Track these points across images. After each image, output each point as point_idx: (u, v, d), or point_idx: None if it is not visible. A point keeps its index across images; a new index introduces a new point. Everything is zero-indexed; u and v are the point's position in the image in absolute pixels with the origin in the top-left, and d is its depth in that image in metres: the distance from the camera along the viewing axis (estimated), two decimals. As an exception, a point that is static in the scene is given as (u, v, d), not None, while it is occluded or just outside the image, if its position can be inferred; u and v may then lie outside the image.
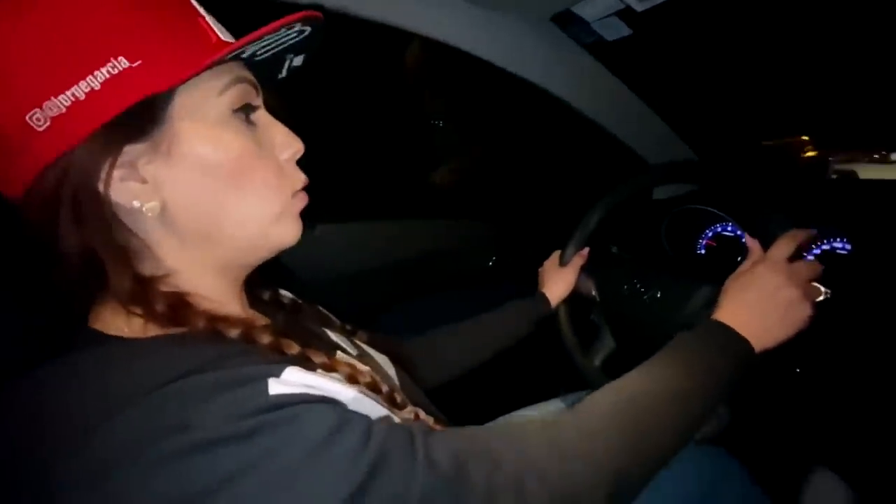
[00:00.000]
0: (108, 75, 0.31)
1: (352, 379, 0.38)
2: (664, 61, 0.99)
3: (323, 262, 0.93)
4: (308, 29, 0.37)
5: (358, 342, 0.54)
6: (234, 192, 0.36)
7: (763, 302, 0.51)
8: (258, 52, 0.36)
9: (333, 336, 0.51)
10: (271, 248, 0.40)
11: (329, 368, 0.37)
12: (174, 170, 0.34)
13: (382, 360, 0.54)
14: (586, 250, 0.84)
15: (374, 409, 0.35)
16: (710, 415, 0.46)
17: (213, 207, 0.36)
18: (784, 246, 0.54)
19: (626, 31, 0.76)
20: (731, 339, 0.49)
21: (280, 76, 0.43)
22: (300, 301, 0.55)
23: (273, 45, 0.37)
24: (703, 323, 0.51)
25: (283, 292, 0.55)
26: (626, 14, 0.73)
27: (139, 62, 0.31)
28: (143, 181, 0.34)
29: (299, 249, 0.41)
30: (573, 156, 1.26)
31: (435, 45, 0.79)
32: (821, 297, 0.52)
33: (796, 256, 0.54)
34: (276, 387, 0.29)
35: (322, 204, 0.51)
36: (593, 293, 0.83)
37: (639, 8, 0.69)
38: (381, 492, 0.28)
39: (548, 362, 0.93)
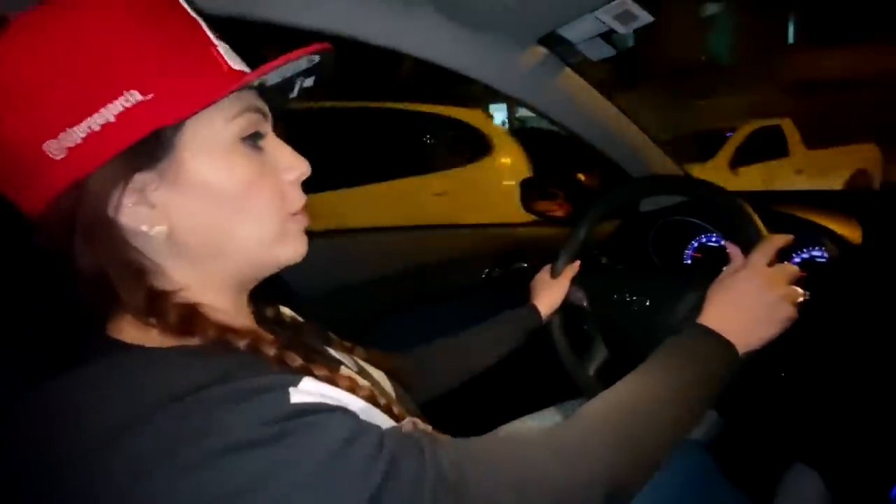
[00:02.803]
0: (122, 108, 0.32)
1: (352, 392, 0.39)
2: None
3: (317, 275, 0.94)
4: (317, 58, 0.39)
5: (356, 358, 0.56)
6: (237, 216, 0.37)
7: (745, 305, 0.53)
8: (268, 80, 0.38)
9: (333, 352, 0.53)
10: (274, 266, 0.42)
11: (331, 382, 0.38)
12: (181, 196, 0.36)
13: (379, 375, 0.55)
14: (577, 262, 0.86)
15: (382, 420, 0.37)
16: (700, 415, 0.49)
17: (217, 230, 0.37)
18: (764, 251, 0.56)
19: (609, 51, 0.80)
20: (716, 343, 0.51)
21: (291, 95, 0.44)
22: (300, 319, 0.57)
23: (283, 74, 0.38)
24: (689, 328, 0.53)
25: (284, 310, 0.56)
26: (609, 36, 0.77)
27: (151, 95, 0.33)
28: (152, 206, 0.35)
29: (295, 263, 0.43)
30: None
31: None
32: (801, 300, 0.55)
33: (777, 261, 0.57)
34: (296, 395, 0.31)
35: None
36: (584, 303, 0.85)
37: (622, 30, 0.73)
38: (393, 496, 0.30)
39: (543, 372, 0.95)
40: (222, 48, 0.37)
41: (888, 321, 0.71)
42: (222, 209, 0.37)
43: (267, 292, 0.51)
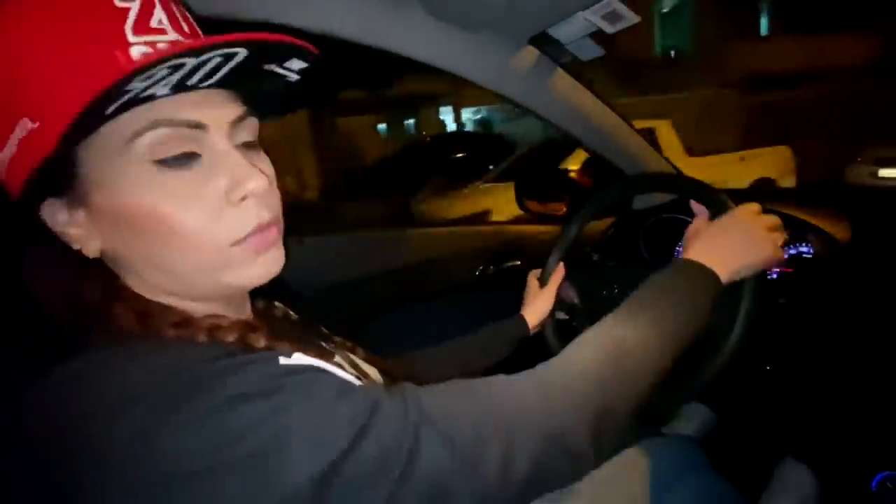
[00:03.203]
0: (20, 137, 0.32)
1: None
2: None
3: (312, 274, 0.95)
4: (242, 51, 0.32)
5: (349, 354, 0.56)
6: (160, 246, 0.35)
7: (729, 236, 0.56)
8: (192, 81, 0.32)
9: (326, 346, 0.53)
10: (235, 289, 0.39)
11: None
12: (96, 220, 0.35)
13: (373, 372, 0.56)
14: (562, 269, 0.86)
15: None
16: (686, 342, 0.49)
17: (152, 256, 0.36)
18: (749, 205, 0.59)
19: (599, 51, 0.80)
20: (697, 272, 0.53)
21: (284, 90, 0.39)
22: (293, 314, 0.58)
23: (200, 75, 0.32)
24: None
25: (277, 304, 0.57)
26: (598, 36, 0.78)
27: (38, 123, 0.31)
28: (78, 227, 0.36)
29: (288, 262, 0.42)
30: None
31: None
32: (781, 242, 0.57)
33: None
34: (285, 360, 0.33)
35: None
36: (575, 300, 0.86)
37: (609, 30, 0.74)
38: (378, 435, 0.32)
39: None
40: (139, 49, 0.32)
41: (873, 316, 0.72)
42: (143, 237, 0.35)
43: (262, 289, 0.52)
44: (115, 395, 0.30)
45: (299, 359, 0.34)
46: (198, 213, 0.35)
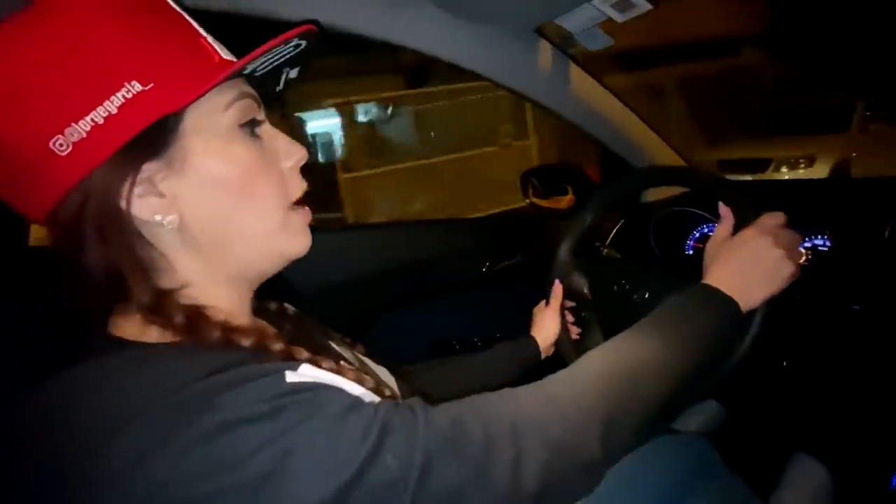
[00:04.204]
0: (123, 99, 0.33)
1: (357, 383, 0.39)
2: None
3: (316, 272, 0.95)
4: (304, 43, 0.39)
5: (357, 353, 0.56)
6: (241, 203, 0.38)
7: (749, 262, 0.54)
8: (258, 69, 0.38)
9: (336, 347, 0.53)
10: (280, 259, 0.42)
11: (337, 373, 0.38)
12: (188, 184, 0.36)
13: (382, 371, 0.55)
14: (560, 288, 0.84)
15: None
16: (699, 370, 0.49)
17: (223, 220, 0.38)
18: (772, 217, 0.57)
19: (608, 41, 0.79)
20: (716, 299, 0.52)
21: (278, 88, 0.45)
22: (303, 314, 0.57)
23: (271, 60, 0.38)
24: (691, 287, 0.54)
25: (288, 305, 0.57)
26: (608, 25, 0.76)
27: (151, 85, 0.33)
28: (161, 196, 0.36)
29: (294, 260, 0.43)
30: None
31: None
32: (802, 259, 0.55)
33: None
34: (292, 377, 0.32)
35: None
36: (585, 291, 0.85)
37: (619, 18, 0.72)
38: (387, 454, 0.31)
39: (540, 363, 0.95)
40: (211, 39, 0.38)
41: (889, 310, 0.70)
42: (227, 196, 0.37)
43: (267, 288, 0.51)
44: (112, 413, 0.29)
45: (307, 373, 0.33)
46: (275, 173, 0.40)
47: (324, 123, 5.07)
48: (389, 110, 5.19)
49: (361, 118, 5.24)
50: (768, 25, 5.93)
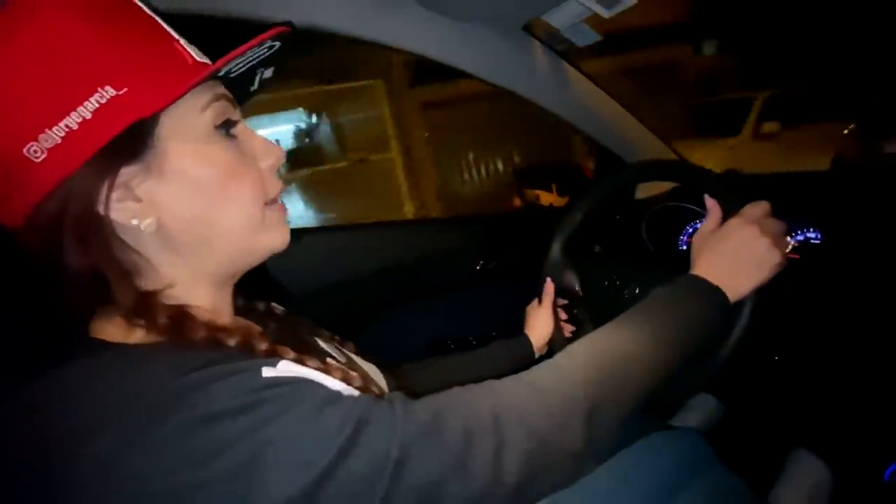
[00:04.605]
0: (97, 104, 0.32)
1: (345, 382, 0.39)
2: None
3: (310, 272, 0.94)
4: (277, 44, 0.39)
5: (346, 352, 0.56)
6: (220, 203, 0.38)
7: (735, 252, 0.54)
8: (233, 70, 0.38)
9: (324, 345, 0.53)
10: (260, 254, 0.42)
11: (325, 373, 0.38)
12: (165, 187, 0.36)
13: (371, 368, 0.55)
14: (552, 286, 0.84)
15: None
16: (686, 360, 0.48)
17: (202, 220, 0.38)
18: (757, 206, 0.57)
19: (595, 36, 0.78)
20: (702, 288, 0.52)
21: (252, 89, 0.45)
22: (291, 313, 0.57)
23: (246, 62, 0.39)
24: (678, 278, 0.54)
25: (276, 305, 0.56)
26: (594, 21, 0.76)
27: (125, 90, 0.33)
28: (139, 200, 0.36)
29: (285, 259, 0.43)
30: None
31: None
32: (789, 248, 0.55)
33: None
34: (269, 372, 0.32)
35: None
36: (577, 289, 0.85)
37: (605, 14, 0.71)
38: (363, 446, 0.31)
39: (534, 361, 0.95)
40: (183, 42, 0.38)
41: (883, 303, 0.70)
42: (206, 198, 0.37)
43: (258, 289, 0.51)
44: (89, 415, 0.29)
45: (285, 368, 0.33)
46: (253, 172, 0.40)
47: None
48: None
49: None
50: (690, 14, 5.55)
